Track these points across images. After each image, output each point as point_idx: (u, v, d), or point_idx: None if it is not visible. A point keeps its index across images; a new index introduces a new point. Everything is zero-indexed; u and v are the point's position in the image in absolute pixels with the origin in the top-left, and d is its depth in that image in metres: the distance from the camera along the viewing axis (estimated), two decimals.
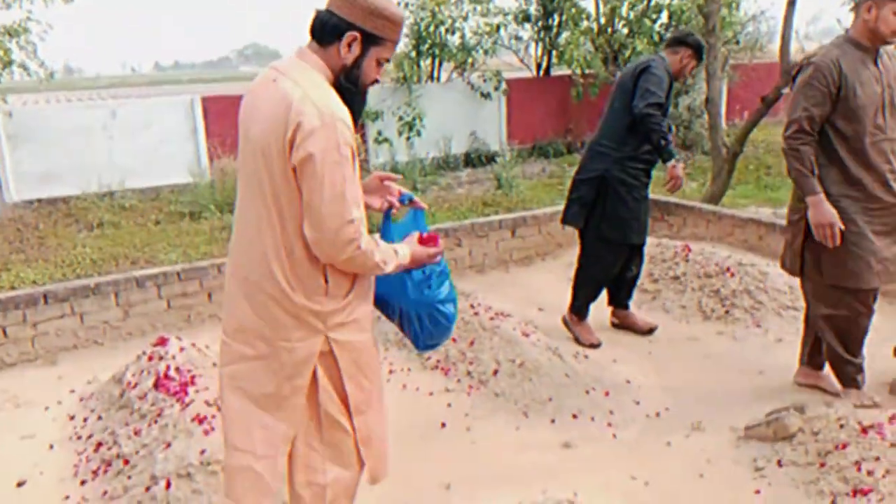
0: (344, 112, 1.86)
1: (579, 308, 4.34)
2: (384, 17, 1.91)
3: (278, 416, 1.97)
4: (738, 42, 12.56)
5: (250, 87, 2.01)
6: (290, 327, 1.93)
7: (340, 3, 1.89)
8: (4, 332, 4.34)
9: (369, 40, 1.92)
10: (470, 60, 12.38)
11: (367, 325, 2.08)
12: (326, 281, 1.94)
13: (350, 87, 1.96)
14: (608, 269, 4.27)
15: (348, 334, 2.00)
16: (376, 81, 2.04)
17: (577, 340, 4.27)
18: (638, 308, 4.90)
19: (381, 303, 2.21)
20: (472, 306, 4.16)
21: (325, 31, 1.91)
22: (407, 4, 12.38)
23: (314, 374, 1.98)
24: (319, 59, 1.93)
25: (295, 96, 1.81)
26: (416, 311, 2.19)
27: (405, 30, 12.80)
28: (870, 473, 2.62)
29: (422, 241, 2.11)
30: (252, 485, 1.98)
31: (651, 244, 5.55)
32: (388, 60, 2.02)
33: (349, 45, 1.91)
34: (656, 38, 12.50)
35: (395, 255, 2.00)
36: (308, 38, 1.98)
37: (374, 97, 11.12)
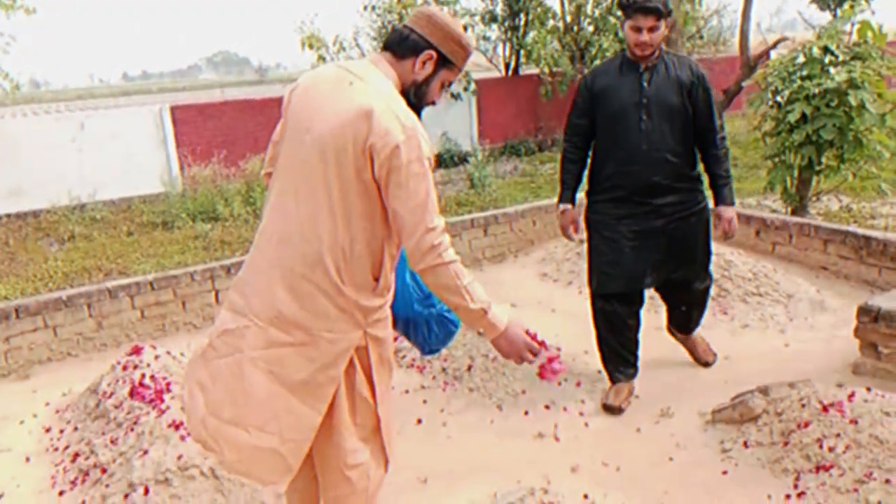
0: (420, 126, 1.95)
1: (612, 376, 3.57)
2: (460, 44, 2.07)
3: (308, 403, 2.01)
4: (701, 37, 12.78)
5: (310, 80, 2.07)
6: (334, 319, 1.99)
7: (423, 23, 2.03)
8: None
9: (442, 62, 2.06)
10: None
11: (389, 322, 2.18)
12: (377, 280, 2.04)
13: (415, 103, 2.06)
14: (606, 327, 3.50)
15: (380, 330, 2.11)
16: (433, 103, 2.15)
17: (605, 399, 3.51)
18: None
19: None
20: None
21: (405, 45, 2.03)
22: (374, 8, 12.43)
23: (350, 364, 2.05)
24: (393, 71, 2.04)
25: (377, 107, 1.89)
26: (425, 320, 2.29)
27: (372, 33, 12.86)
28: (831, 450, 2.72)
29: (530, 335, 2.11)
30: (275, 465, 2.03)
31: None
32: (450, 84, 2.14)
33: (424, 63, 2.04)
34: (622, 34, 12.66)
35: (487, 302, 2.02)
36: (383, 49, 2.10)
37: None
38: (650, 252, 3.36)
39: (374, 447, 2.18)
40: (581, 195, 3.56)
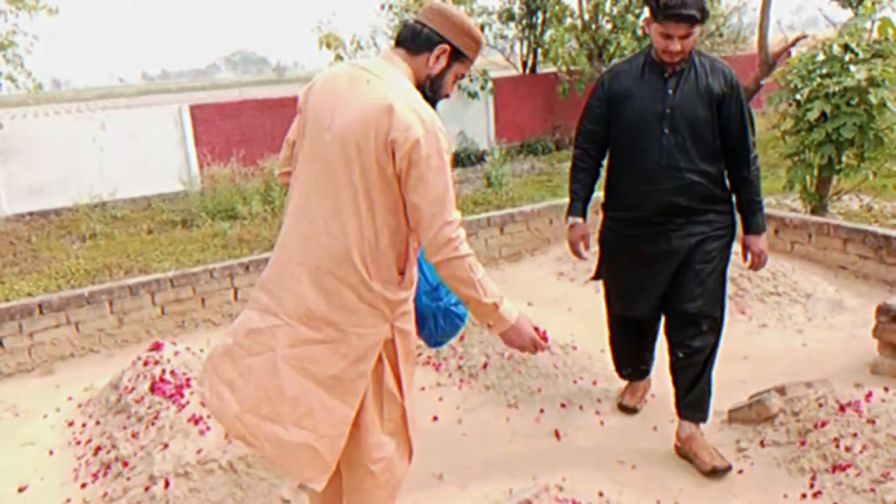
0: (438, 120, 1.98)
1: (623, 375, 3.50)
2: (472, 37, 2.11)
3: (341, 398, 2.04)
4: (721, 34, 12.69)
5: (327, 79, 2.09)
6: (363, 314, 2.02)
7: (435, 17, 2.07)
8: (1, 344, 4.40)
9: (455, 55, 2.10)
10: None
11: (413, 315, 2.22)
12: (402, 273, 2.08)
13: (430, 97, 2.09)
14: (620, 337, 3.41)
15: (406, 324, 2.15)
16: (447, 96, 2.17)
17: (621, 399, 3.49)
18: None
19: None
20: None
21: (419, 40, 2.07)
22: (391, 6, 12.47)
23: (378, 359, 2.08)
24: (408, 66, 2.07)
25: (397, 103, 1.92)
26: (432, 314, 2.31)
27: (389, 31, 12.90)
28: (848, 449, 2.71)
29: (535, 329, 2.18)
30: (313, 461, 2.05)
31: None
32: (462, 77, 2.19)
33: (438, 57, 2.07)
34: (640, 33, 12.60)
35: (499, 296, 2.06)
36: (396, 45, 2.13)
37: None
38: (666, 276, 2.98)
39: (399, 441, 2.21)
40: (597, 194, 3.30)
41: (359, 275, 1.99)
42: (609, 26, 13.00)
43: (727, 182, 2.99)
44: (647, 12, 2.83)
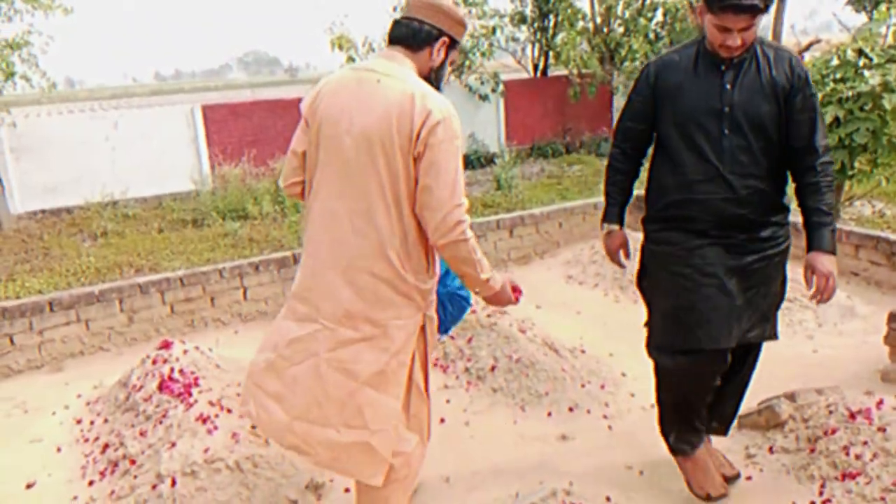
0: (452, 107, 2.10)
1: (672, 445, 2.79)
2: (464, 24, 2.25)
3: (386, 392, 2.11)
4: None
5: (333, 86, 2.17)
6: (400, 306, 2.12)
7: (430, 13, 2.18)
8: (11, 340, 4.43)
9: (452, 45, 2.24)
10: (467, 63, 12.46)
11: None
12: (429, 262, 2.20)
13: (435, 87, 2.21)
14: (674, 390, 2.70)
15: (433, 311, 2.26)
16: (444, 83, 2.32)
17: (689, 486, 2.77)
18: (634, 303, 4.96)
19: None
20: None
21: (420, 37, 2.18)
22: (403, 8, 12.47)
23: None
24: (411, 62, 2.17)
25: (416, 93, 2.04)
26: (439, 300, 2.41)
27: None
28: (858, 457, 2.68)
29: (513, 287, 2.34)
30: (370, 458, 2.11)
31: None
32: (454, 62, 2.30)
33: (439, 50, 2.21)
34: (652, 36, 12.57)
35: (492, 272, 2.19)
36: (391, 43, 2.23)
37: None
38: (737, 296, 2.51)
39: (421, 436, 2.26)
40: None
41: (394, 269, 2.08)
42: (621, 30, 12.96)
43: (787, 186, 2.60)
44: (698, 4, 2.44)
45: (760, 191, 2.48)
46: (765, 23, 14.37)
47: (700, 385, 2.63)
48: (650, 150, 2.73)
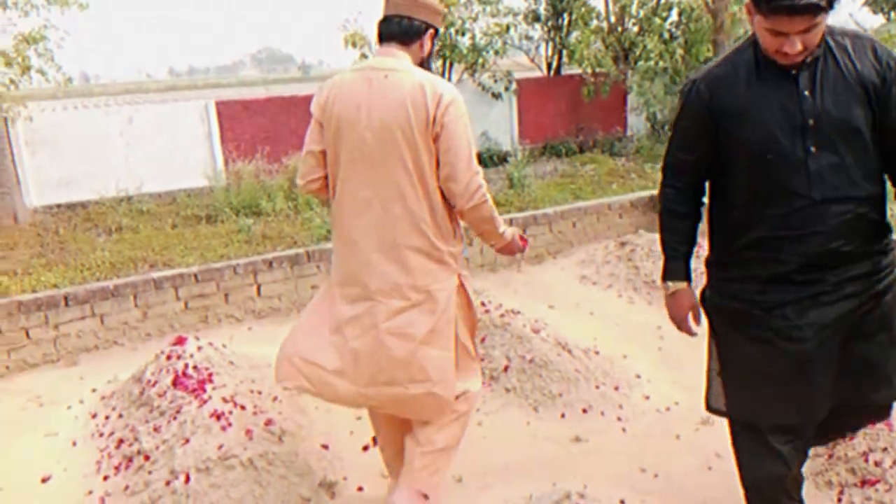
0: (456, 90, 2.37)
1: None
2: (443, 14, 2.55)
3: (439, 346, 2.39)
4: None
5: (342, 87, 2.39)
6: (437, 272, 2.41)
7: (418, 9, 2.41)
8: (27, 334, 4.46)
9: (436, 35, 2.50)
10: (480, 61, 12.42)
11: None
12: (454, 227, 2.47)
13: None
14: (755, 466, 2.23)
15: (465, 270, 2.54)
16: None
17: None
18: (649, 304, 4.94)
19: None
20: (483, 304, 4.22)
21: (412, 32, 2.41)
22: None
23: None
24: (407, 55, 2.41)
25: (424, 82, 2.30)
26: None
27: None
28: (877, 464, 2.66)
29: (521, 237, 2.67)
30: (435, 404, 2.42)
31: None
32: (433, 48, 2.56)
33: (428, 41, 2.46)
34: (666, 35, 12.50)
35: (505, 226, 2.52)
36: (385, 40, 2.44)
37: None
38: (829, 361, 2.09)
39: (474, 380, 2.57)
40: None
41: (429, 240, 2.37)
42: (636, 29, 12.90)
43: (887, 207, 2.14)
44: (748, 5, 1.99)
45: (858, 216, 2.02)
46: None
47: (784, 461, 2.16)
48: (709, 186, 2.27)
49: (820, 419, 2.16)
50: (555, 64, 14.17)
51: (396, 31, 2.41)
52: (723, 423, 3.23)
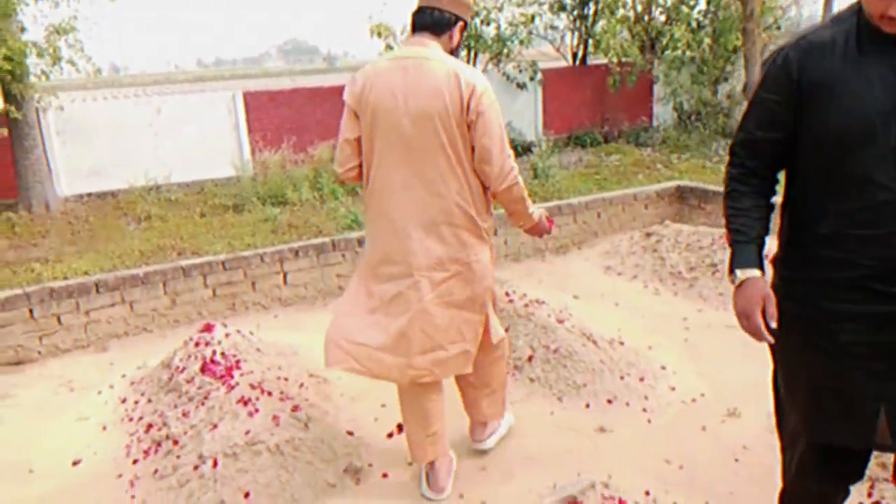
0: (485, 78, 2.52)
1: None
2: (471, 8, 2.68)
3: (474, 311, 2.66)
4: (779, 27, 12.31)
5: (377, 75, 2.50)
6: (475, 245, 2.62)
7: (450, 2, 2.55)
8: (59, 320, 4.54)
9: (465, 27, 2.64)
10: (505, 51, 12.38)
11: None
12: (487, 204, 2.66)
13: None
14: (794, 481, 2.11)
15: (492, 242, 2.76)
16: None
17: None
18: (674, 295, 4.90)
19: None
20: (507, 294, 4.21)
21: (442, 23, 2.55)
22: None
23: None
24: (438, 45, 2.54)
25: (458, 71, 2.44)
26: None
27: None
28: None
29: (547, 218, 2.85)
30: (467, 360, 2.70)
31: (688, 232, 5.54)
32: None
33: (458, 33, 2.60)
34: (694, 24, 12.34)
35: (534, 207, 2.73)
36: (418, 30, 2.57)
37: None
38: None
39: (499, 326, 2.91)
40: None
41: (469, 217, 2.56)
42: (663, 18, 12.76)
43: None
44: None
45: None
46: (810, 13, 13.88)
47: (835, 485, 2.03)
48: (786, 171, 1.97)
49: (873, 440, 1.86)
50: (580, 54, 14.07)
51: (429, 21, 2.54)
52: (749, 416, 3.23)
